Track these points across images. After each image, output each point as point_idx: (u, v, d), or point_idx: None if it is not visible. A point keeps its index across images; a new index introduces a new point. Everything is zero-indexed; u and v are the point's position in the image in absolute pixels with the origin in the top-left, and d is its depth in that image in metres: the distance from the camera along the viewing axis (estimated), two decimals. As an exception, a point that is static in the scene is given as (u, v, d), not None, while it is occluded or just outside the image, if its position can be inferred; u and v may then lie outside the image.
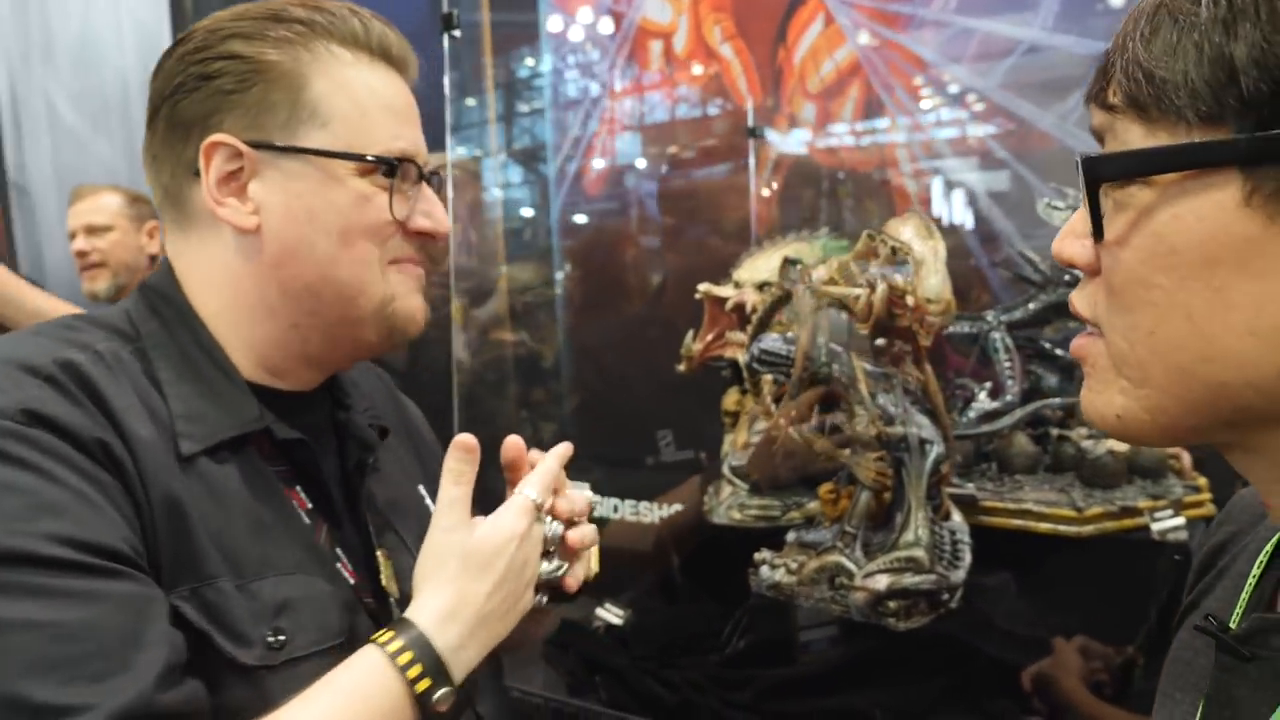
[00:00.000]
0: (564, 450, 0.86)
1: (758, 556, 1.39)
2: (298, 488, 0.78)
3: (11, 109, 3.66)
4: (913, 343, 1.30)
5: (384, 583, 0.81)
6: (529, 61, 2.62)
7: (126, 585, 0.62)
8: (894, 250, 1.23)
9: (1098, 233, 0.47)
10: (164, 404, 0.71)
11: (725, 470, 1.76)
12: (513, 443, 0.86)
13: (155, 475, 0.67)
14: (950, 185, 2.11)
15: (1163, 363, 0.46)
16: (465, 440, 0.78)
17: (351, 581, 0.78)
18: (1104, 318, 0.49)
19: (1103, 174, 0.46)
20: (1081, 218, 0.50)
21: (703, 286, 1.77)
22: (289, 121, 0.74)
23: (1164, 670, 0.65)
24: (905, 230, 1.24)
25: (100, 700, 0.57)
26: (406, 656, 0.69)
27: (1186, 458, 1.61)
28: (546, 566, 0.82)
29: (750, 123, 2.28)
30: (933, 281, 1.17)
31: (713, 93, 2.31)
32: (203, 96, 0.74)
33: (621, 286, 2.39)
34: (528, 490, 0.80)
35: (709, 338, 1.78)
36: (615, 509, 2.35)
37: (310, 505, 0.78)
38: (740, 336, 1.75)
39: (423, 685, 0.69)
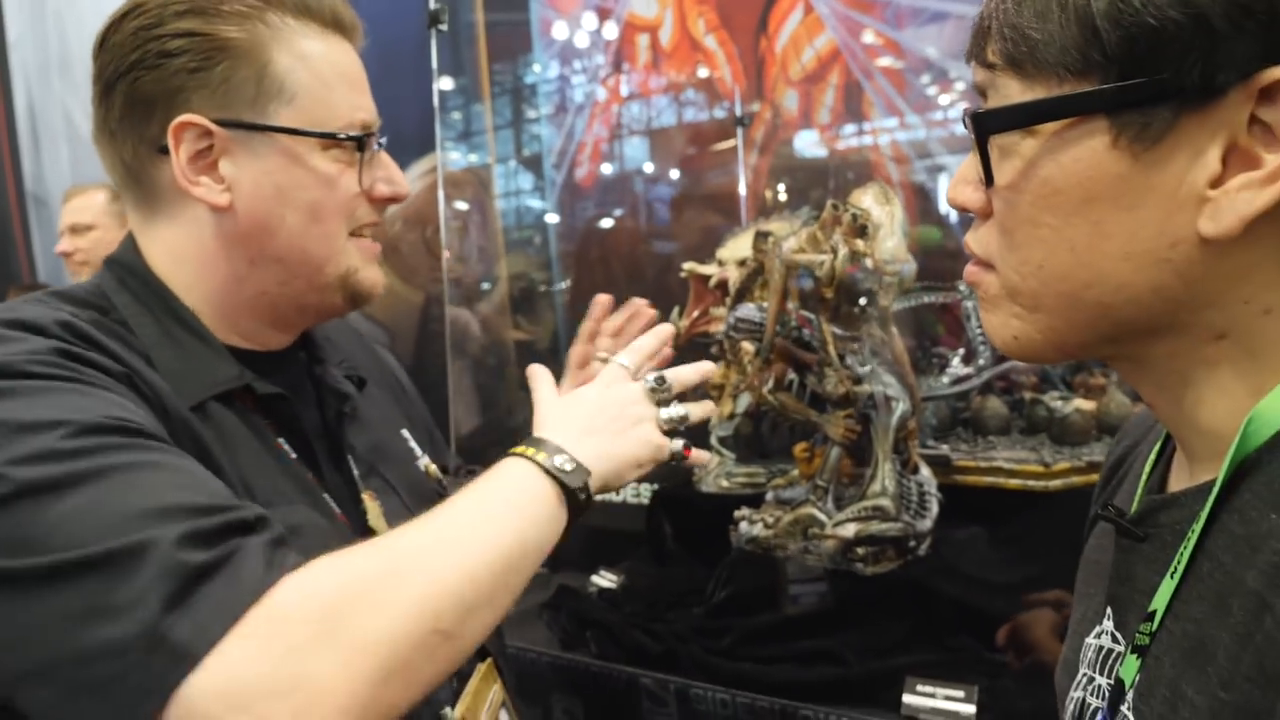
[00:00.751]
0: (664, 330, 0.96)
1: (737, 514, 1.47)
2: (280, 440, 0.83)
3: (30, 121, 3.78)
4: (875, 304, 1.37)
5: (371, 522, 0.87)
6: (521, 59, 2.70)
7: (179, 453, 0.67)
8: (854, 217, 1.30)
9: (988, 180, 0.53)
10: (150, 367, 0.74)
11: (712, 441, 1.84)
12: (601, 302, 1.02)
13: (174, 409, 0.72)
14: (931, 167, 2.18)
15: (1052, 291, 0.52)
16: (535, 367, 0.90)
17: (340, 521, 0.84)
18: (996, 254, 0.55)
19: (990, 126, 0.51)
20: (972, 165, 0.55)
21: (687, 265, 1.84)
22: (256, 99, 0.76)
23: (1079, 574, 0.72)
24: (865, 198, 1.31)
25: (245, 505, 0.62)
26: (531, 450, 0.75)
27: (1154, 416, 1.67)
28: (671, 445, 0.87)
29: (737, 112, 2.36)
30: (889, 244, 1.24)
31: (699, 83, 2.39)
32: (165, 74, 0.75)
33: (614, 271, 2.47)
34: (618, 357, 0.90)
35: (694, 315, 1.85)
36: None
37: (294, 456, 0.83)
38: (723, 313, 1.83)
39: (548, 460, 0.75)
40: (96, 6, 3.51)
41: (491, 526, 0.69)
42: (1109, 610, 0.58)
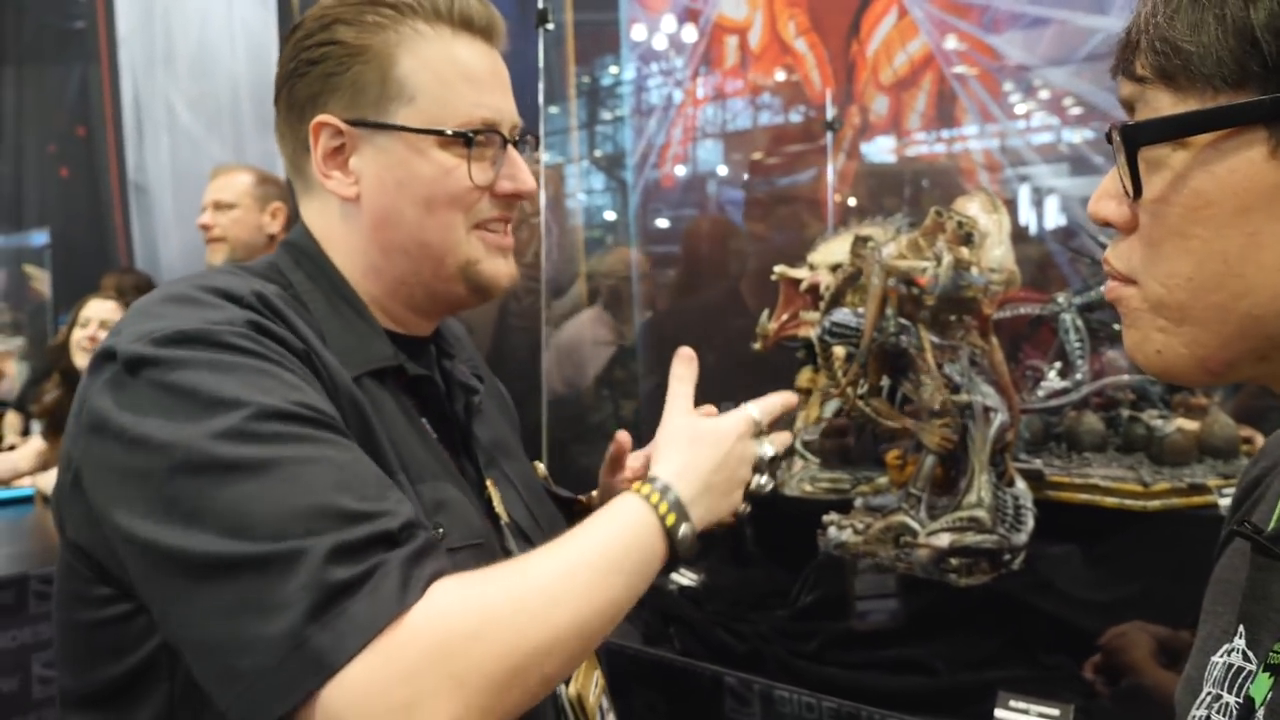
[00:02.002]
0: (787, 397, 0.98)
1: (826, 519, 1.46)
2: (423, 420, 0.88)
3: (135, 113, 3.95)
4: (977, 314, 1.36)
5: (496, 507, 0.91)
6: (609, 59, 2.73)
7: (353, 445, 0.72)
8: (959, 225, 1.29)
9: (1137, 192, 0.52)
10: (320, 337, 0.81)
11: (797, 445, 1.83)
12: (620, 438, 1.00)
13: (342, 383, 0.77)
14: (1023, 176, 2.14)
15: (1201, 303, 0.52)
16: (685, 350, 0.95)
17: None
18: (1140, 268, 0.55)
19: (1142, 139, 0.52)
20: (1114, 180, 0.56)
21: (779, 268, 1.84)
22: (380, 99, 0.83)
23: (1207, 593, 0.71)
24: (971, 206, 1.30)
25: (393, 509, 0.68)
26: (656, 497, 0.79)
27: (1260, 439, 1.62)
28: (758, 479, 0.92)
29: (827, 116, 2.35)
30: (996, 253, 1.23)
31: (789, 86, 2.39)
32: (311, 80, 0.84)
33: (702, 272, 2.48)
34: (750, 408, 0.92)
35: (784, 317, 1.85)
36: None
37: (435, 436, 0.88)
38: (814, 316, 1.82)
39: (670, 519, 0.78)
40: (201, 4, 3.65)
41: (613, 580, 0.73)
42: (1241, 628, 0.58)
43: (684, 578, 1.78)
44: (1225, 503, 1.49)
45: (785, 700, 1.28)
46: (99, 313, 2.79)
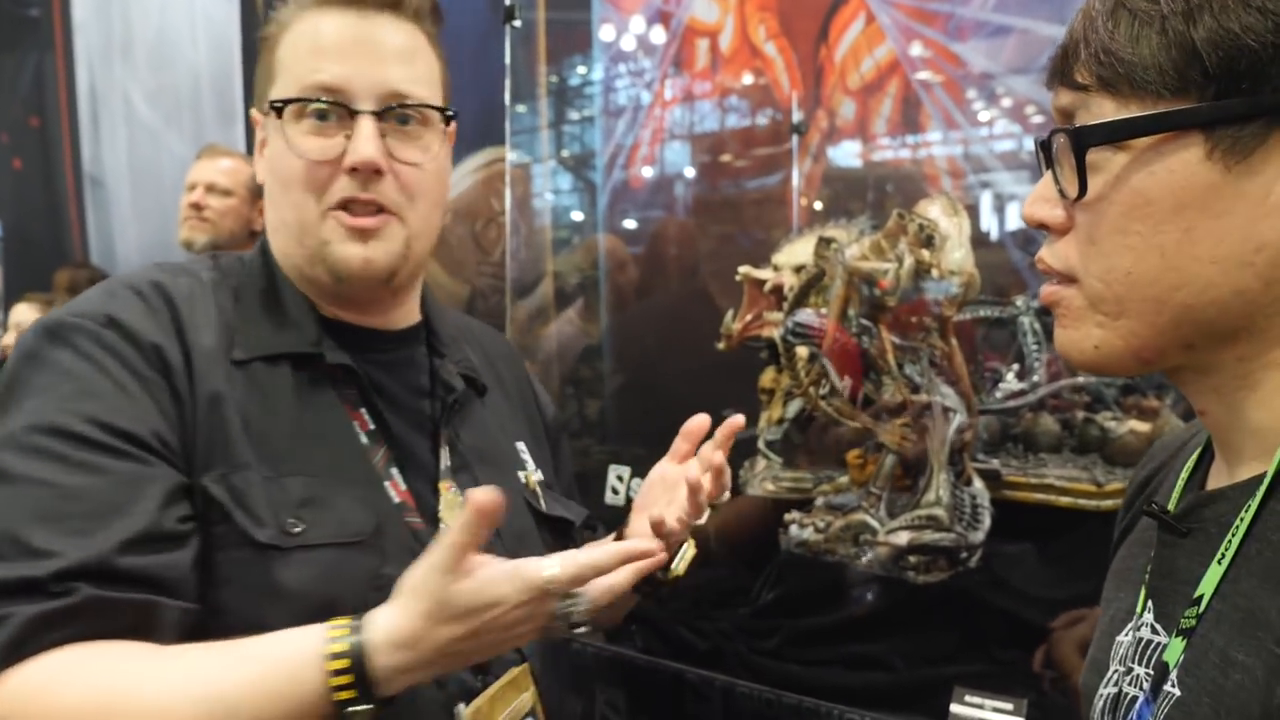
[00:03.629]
0: (628, 548, 0.77)
1: (787, 517, 1.48)
2: (362, 410, 0.87)
3: (91, 105, 3.87)
4: (944, 319, 1.38)
5: (441, 512, 0.89)
6: (579, 58, 2.73)
7: (131, 465, 0.74)
8: (921, 227, 1.31)
9: (1082, 192, 0.56)
10: (228, 328, 0.84)
11: (760, 444, 1.85)
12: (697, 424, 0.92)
13: (205, 376, 0.80)
14: (985, 183, 2.17)
15: (1138, 295, 0.55)
16: (484, 504, 0.70)
17: (396, 500, 0.86)
18: (1079, 266, 0.58)
19: (1090, 140, 0.55)
20: (1047, 184, 0.60)
21: (743, 269, 1.85)
22: (265, 85, 0.88)
23: (1106, 584, 0.74)
24: (932, 209, 1.32)
25: (67, 550, 0.69)
26: (341, 664, 0.68)
27: (1208, 440, 1.66)
28: (563, 605, 0.74)
29: (794, 119, 2.36)
30: (956, 255, 1.25)
31: (757, 89, 2.40)
32: (258, 74, 0.90)
33: (668, 271, 2.49)
34: (548, 569, 0.72)
35: (748, 318, 1.86)
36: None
37: (372, 427, 0.87)
38: (778, 316, 1.84)
39: (343, 695, 0.68)
40: (162, -8, 3.58)
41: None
42: (1149, 604, 0.61)
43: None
44: (1175, 503, 1.54)
45: (746, 697, 1.29)
46: (23, 317, 2.73)
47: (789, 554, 1.41)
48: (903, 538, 1.29)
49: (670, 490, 0.94)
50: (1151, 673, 0.58)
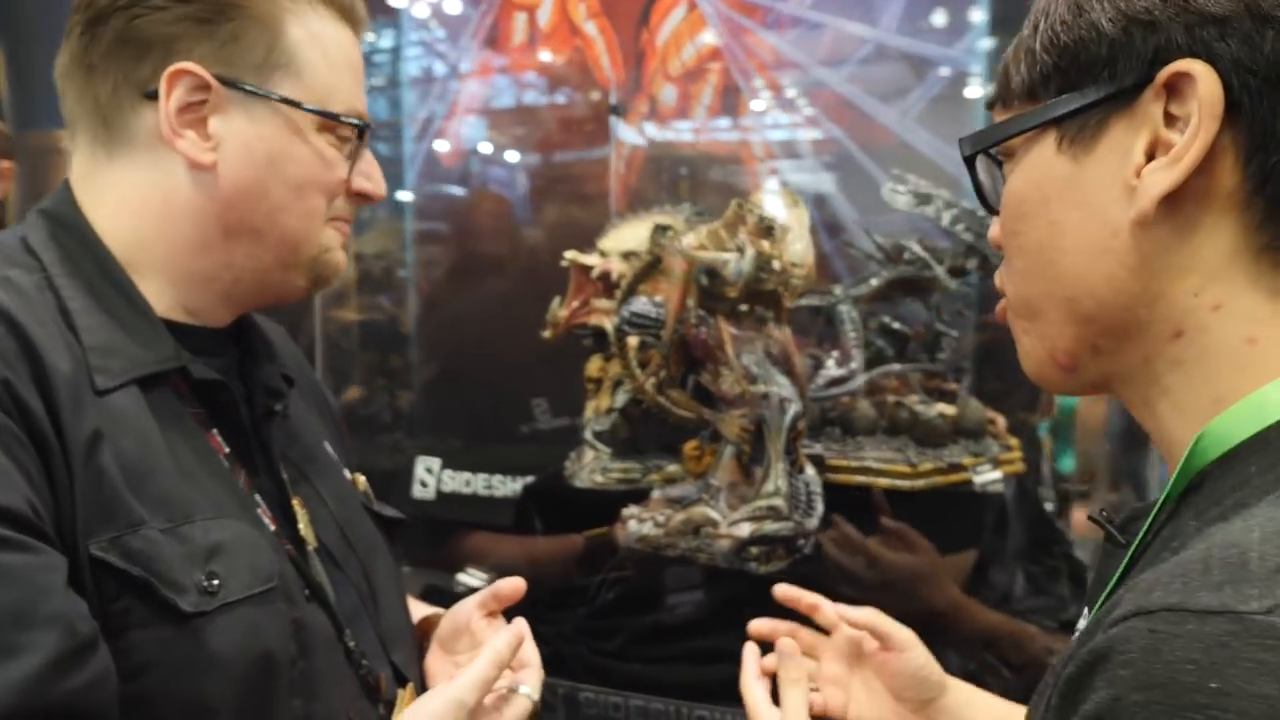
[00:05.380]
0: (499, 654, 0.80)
1: (625, 512, 1.45)
2: (214, 431, 0.76)
3: None
4: (775, 306, 1.39)
5: (301, 530, 0.80)
6: (390, 26, 2.56)
7: (18, 556, 0.57)
8: (761, 218, 1.31)
9: (985, 206, 0.60)
10: (75, 337, 0.67)
11: (588, 435, 1.81)
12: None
13: (73, 414, 0.63)
14: (800, 170, 2.24)
15: (1034, 291, 0.57)
16: (520, 633, 0.84)
17: (272, 528, 0.77)
18: (1005, 278, 0.60)
19: (970, 152, 0.59)
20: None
21: (569, 254, 1.80)
22: (263, 65, 0.73)
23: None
24: (770, 200, 1.32)
25: None
26: None
27: (1002, 421, 1.79)
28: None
29: (613, 100, 2.33)
30: (798, 247, 1.26)
31: (577, 69, 2.34)
32: (169, 18, 0.71)
33: (482, 256, 2.39)
34: (528, 690, 0.83)
35: (574, 305, 1.81)
36: (467, 483, 2.36)
37: (228, 450, 0.76)
38: (606, 304, 1.80)
39: None
40: None
41: None
42: (1086, 610, 0.62)
43: (473, 578, 1.70)
44: (979, 480, 1.64)
45: (591, 702, 1.25)
46: None
47: (628, 550, 1.38)
48: (745, 529, 1.29)
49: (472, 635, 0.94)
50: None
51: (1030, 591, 1.54)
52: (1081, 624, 0.61)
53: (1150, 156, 0.51)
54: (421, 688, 0.89)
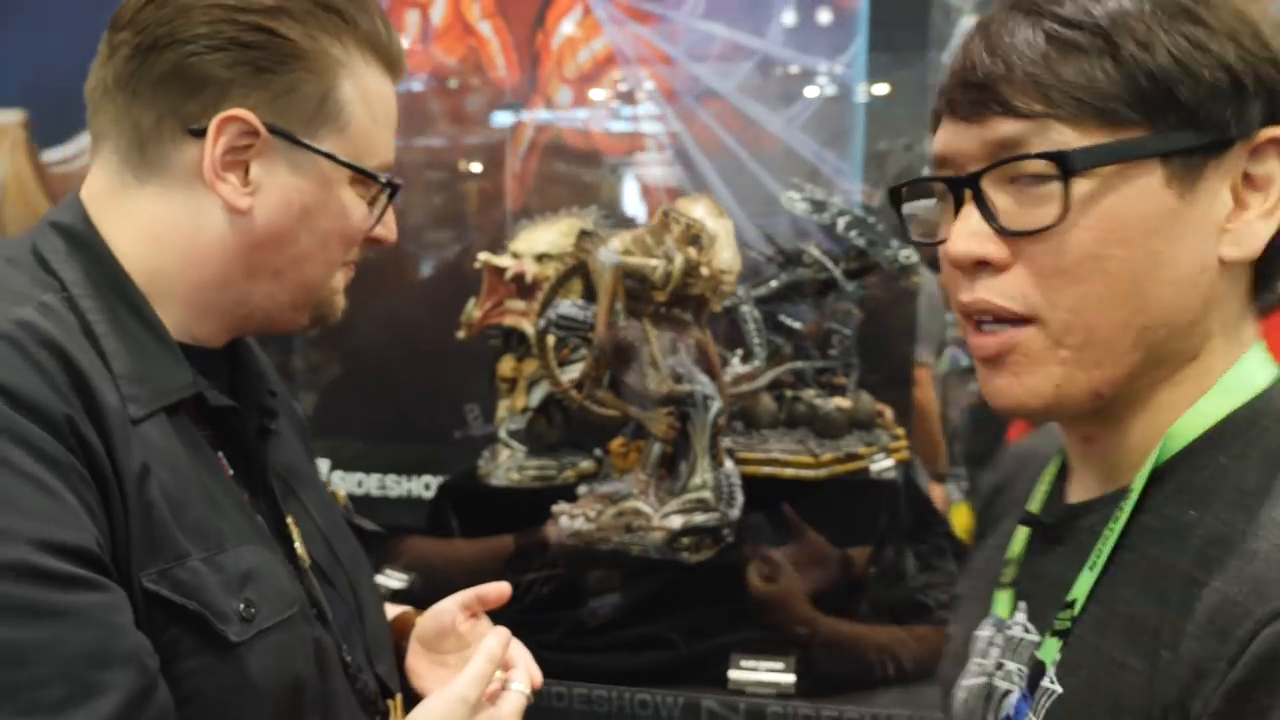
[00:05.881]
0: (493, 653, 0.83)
1: (556, 509, 1.49)
2: (219, 454, 0.75)
3: None
4: (696, 309, 1.47)
5: (298, 549, 0.80)
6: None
7: (94, 595, 0.58)
8: (687, 226, 1.38)
9: (1061, 218, 0.55)
10: (104, 363, 0.66)
11: (502, 434, 1.83)
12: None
13: (124, 448, 0.63)
14: (690, 174, 2.33)
15: (1108, 321, 0.56)
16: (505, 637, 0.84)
17: (280, 550, 0.77)
18: (1041, 301, 0.57)
19: (1081, 165, 0.54)
20: (976, 220, 0.58)
21: (482, 255, 1.81)
22: (314, 118, 0.73)
23: (961, 580, 0.82)
24: (697, 209, 1.40)
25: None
26: None
27: (889, 413, 1.95)
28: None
29: (509, 103, 2.35)
30: (726, 255, 1.34)
31: (472, 69, 2.34)
32: (229, 60, 0.70)
33: (375, 258, 2.35)
34: (516, 685, 0.85)
35: (488, 306, 1.83)
36: (359, 484, 2.33)
37: (232, 472, 0.76)
38: (519, 305, 1.83)
39: None
40: None
41: None
42: (1021, 605, 0.67)
43: (394, 580, 1.70)
44: (875, 468, 1.78)
45: (534, 692, 1.29)
46: None
47: (561, 545, 1.43)
48: (676, 521, 1.37)
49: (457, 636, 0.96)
50: (1026, 669, 0.62)
51: (921, 569, 1.68)
52: (1021, 616, 0.66)
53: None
54: (404, 690, 0.91)
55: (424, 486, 2.30)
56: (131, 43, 0.71)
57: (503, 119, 2.35)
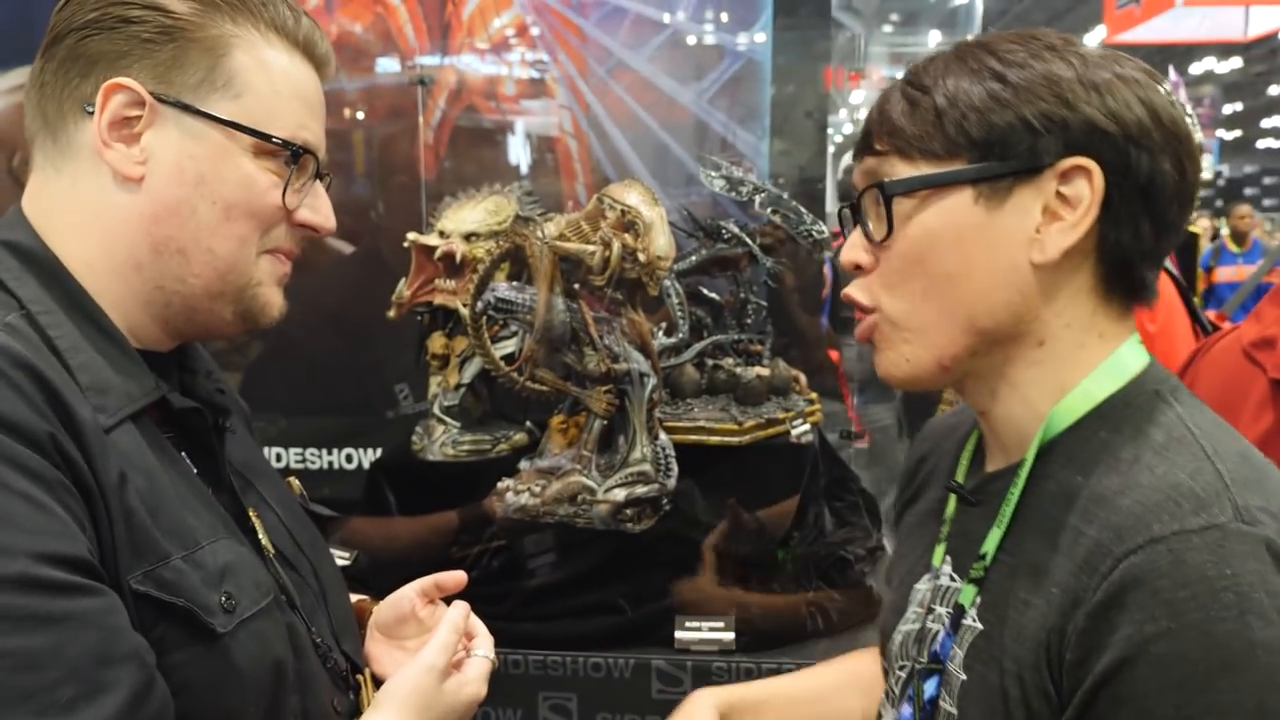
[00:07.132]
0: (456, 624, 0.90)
1: (500, 485, 1.54)
2: (183, 454, 0.77)
3: None
4: (630, 292, 1.53)
5: (262, 539, 0.83)
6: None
7: (92, 600, 0.61)
8: (623, 213, 1.44)
9: (889, 231, 0.72)
10: (70, 376, 0.68)
11: (436, 410, 1.86)
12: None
13: (102, 458, 0.65)
14: (608, 150, 2.37)
15: (936, 312, 0.72)
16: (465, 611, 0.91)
17: (248, 541, 0.80)
18: (884, 297, 0.74)
19: (895, 191, 0.72)
20: (857, 234, 0.76)
21: (411, 235, 1.82)
22: (201, 85, 0.75)
23: (898, 541, 0.95)
24: (631, 196, 1.45)
25: None
26: None
27: (804, 379, 2.07)
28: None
29: (418, 73, 2.32)
30: (662, 241, 1.40)
31: (379, 38, 2.30)
32: (115, 38, 0.73)
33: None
34: (486, 652, 0.92)
35: (416, 285, 1.84)
36: (278, 458, 2.32)
37: (196, 471, 0.78)
38: (448, 284, 1.85)
39: None
40: None
41: None
42: (948, 558, 0.80)
43: (337, 557, 1.72)
44: (795, 432, 1.90)
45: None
46: None
47: (506, 519, 1.49)
48: (620, 494, 1.44)
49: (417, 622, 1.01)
50: (950, 611, 0.75)
51: (837, 525, 1.82)
52: (946, 566, 0.80)
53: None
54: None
55: (345, 459, 2.31)
56: (44, 43, 0.75)
57: (412, 90, 2.32)
